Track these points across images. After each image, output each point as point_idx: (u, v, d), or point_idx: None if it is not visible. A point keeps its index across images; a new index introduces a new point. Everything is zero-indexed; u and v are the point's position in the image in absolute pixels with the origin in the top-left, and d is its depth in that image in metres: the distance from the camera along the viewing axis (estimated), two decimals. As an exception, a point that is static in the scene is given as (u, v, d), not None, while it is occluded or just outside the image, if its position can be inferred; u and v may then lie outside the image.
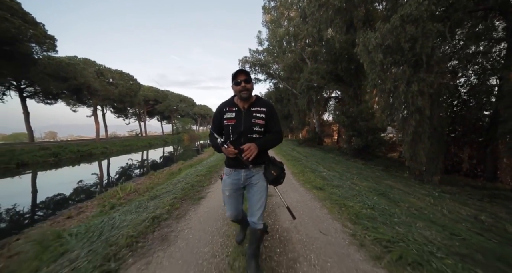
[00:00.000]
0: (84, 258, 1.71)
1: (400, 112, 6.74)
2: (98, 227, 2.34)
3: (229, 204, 1.54)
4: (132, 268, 1.56)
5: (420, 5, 5.90)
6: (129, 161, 16.48)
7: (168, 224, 2.29)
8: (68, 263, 1.69)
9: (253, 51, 19.78)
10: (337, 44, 9.23)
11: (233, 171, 1.48)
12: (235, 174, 1.47)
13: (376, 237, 1.83)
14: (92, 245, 1.95)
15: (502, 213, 5.01)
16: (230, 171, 1.50)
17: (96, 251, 1.80)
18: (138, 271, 1.52)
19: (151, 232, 2.12)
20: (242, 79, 1.35)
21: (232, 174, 1.49)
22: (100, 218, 2.71)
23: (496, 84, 7.27)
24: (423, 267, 1.43)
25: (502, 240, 3.47)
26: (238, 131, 1.38)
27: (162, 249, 1.81)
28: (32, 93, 21.02)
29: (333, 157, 12.38)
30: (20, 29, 12.08)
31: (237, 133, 1.39)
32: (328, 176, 4.65)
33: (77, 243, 2.05)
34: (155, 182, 6.89)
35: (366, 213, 2.41)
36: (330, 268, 1.49)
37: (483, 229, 3.82)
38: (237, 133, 1.39)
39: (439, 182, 7.57)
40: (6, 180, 10.48)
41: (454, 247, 2.12)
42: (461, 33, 7.47)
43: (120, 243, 1.90)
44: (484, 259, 1.89)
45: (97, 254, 1.73)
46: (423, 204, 4.99)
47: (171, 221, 2.35)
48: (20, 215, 5.78)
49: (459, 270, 1.43)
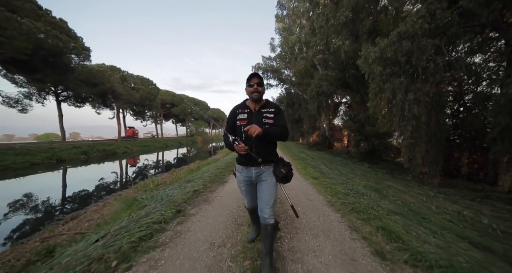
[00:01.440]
0: (160, 207, 2.90)
1: (398, 118, 7.53)
2: (158, 196, 3.56)
3: (246, 197, 1.73)
4: (191, 211, 2.72)
5: (415, 23, 6.78)
6: (150, 160, 18.23)
7: (205, 194, 3.46)
8: (152, 209, 2.89)
9: (265, 58, 21.08)
10: (343, 55, 10.19)
11: (244, 168, 1.60)
12: (246, 171, 1.60)
13: (342, 202, 2.85)
14: (161, 202, 3.15)
15: (486, 210, 5.72)
16: (241, 169, 1.62)
17: (166, 204, 3.00)
18: (196, 211, 2.69)
19: (195, 197, 3.29)
20: (255, 82, 1.52)
21: (243, 171, 1.61)
22: (155, 192, 3.95)
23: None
24: (363, 213, 2.44)
25: (469, 226, 4.33)
26: None
27: (206, 204, 2.97)
28: (66, 97, 23.81)
29: (341, 160, 13.11)
30: (66, 44, 14.26)
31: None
32: (326, 172, 5.64)
33: (150, 202, 3.27)
34: (178, 177, 8.17)
35: (345, 192, 3.42)
36: (309, 214, 2.55)
37: (458, 220, 4.64)
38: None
39: (438, 185, 8.22)
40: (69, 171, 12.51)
41: (405, 213, 3.07)
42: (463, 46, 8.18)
43: (178, 201, 3.08)
44: (419, 215, 2.84)
45: (168, 205, 2.92)
46: (414, 200, 5.81)
47: (207, 193, 3.52)
48: (91, 192, 7.49)
49: (385, 216, 2.43)
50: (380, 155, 12.78)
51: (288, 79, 21.99)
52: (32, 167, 13.38)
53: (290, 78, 22.16)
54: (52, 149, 16.03)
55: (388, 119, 7.91)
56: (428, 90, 7.14)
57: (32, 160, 13.97)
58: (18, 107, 20.74)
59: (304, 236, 1.99)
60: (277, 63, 21.82)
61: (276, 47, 21.95)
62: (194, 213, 2.62)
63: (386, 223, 2.18)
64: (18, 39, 11.81)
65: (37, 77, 17.22)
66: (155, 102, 26.14)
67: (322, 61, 17.35)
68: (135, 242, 1.89)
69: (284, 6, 19.21)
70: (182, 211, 2.65)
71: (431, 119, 7.52)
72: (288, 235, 2.02)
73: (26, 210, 6.15)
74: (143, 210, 2.94)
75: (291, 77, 22.10)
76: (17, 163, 13.13)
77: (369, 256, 1.65)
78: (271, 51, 21.99)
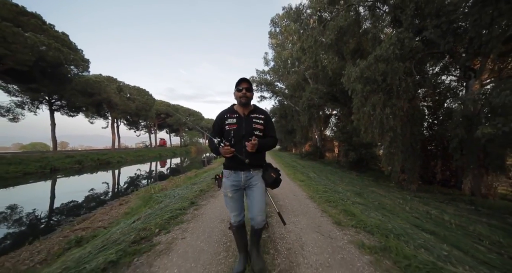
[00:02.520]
0: (176, 201, 3.68)
1: (378, 130, 8.61)
2: (171, 194, 4.33)
3: (233, 207, 1.59)
4: (202, 202, 3.51)
5: (387, 49, 8.08)
6: (145, 169, 18.60)
7: (210, 192, 4.25)
8: (169, 203, 3.66)
9: (259, 71, 22.50)
10: (330, 72, 11.48)
11: (232, 173, 1.57)
12: (234, 176, 1.56)
13: (320, 196, 3.72)
14: (175, 198, 3.92)
15: (450, 210, 6.68)
16: (229, 173, 1.58)
17: (180, 199, 3.78)
18: (205, 203, 3.48)
19: (203, 194, 4.08)
20: (244, 86, 1.52)
21: (231, 176, 1.57)
22: (166, 191, 4.70)
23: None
24: (334, 202, 3.31)
25: (430, 221, 5.25)
26: (240, 135, 1.52)
27: (213, 199, 3.77)
28: (59, 106, 24.14)
29: (331, 169, 14.06)
30: (66, 56, 15.07)
31: (239, 137, 1.52)
32: (313, 177, 6.52)
33: (165, 199, 4.04)
34: (176, 184, 8.83)
35: (324, 190, 4.29)
36: (293, 203, 3.40)
37: (424, 217, 5.54)
38: (239, 137, 1.52)
39: (416, 190, 9.21)
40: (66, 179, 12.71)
41: (371, 205, 3.95)
42: (431, 68, 9.59)
43: (190, 197, 3.86)
44: (392, 214, 3.73)
45: (182, 199, 3.70)
46: (391, 202, 6.72)
47: (211, 191, 4.32)
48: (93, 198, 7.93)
49: (350, 204, 3.30)
50: (367, 164, 13.82)
51: (281, 91, 23.36)
52: (24, 176, 13.60)
53: (283, 90, 23.56)
54: (45, 158, 16.26)
55: (369, 131, 8.99)
56: (402, 105, 8.32)
57: (25, 170, 14.19)
58: (9, 116, 20.93)
59: (289, 215, 2.82)
60: (271, 76, 23.27)
61: (269, 61, 23.52)
62: (205, 204, 3.41)
63: (348, 208, 3.05)
64: (22, 52, 12.54)
65: (33, 86, 17.73)
66: (151, 112, 26.83)
67: (313, 75, 18.80)
68: (166, 219, 2.68)
69: (277, 24, 20.93)
70: (195, 203, 3.44)
71: (407, 131, 8.65)
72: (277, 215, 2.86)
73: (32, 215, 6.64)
74: (161, 204, 3.71)
75: (284, 89, 23.51)
76: (10, 172, 13.35)
77: (330, 224, 2.50)
78: (264, 64, 23.52)
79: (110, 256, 1.80)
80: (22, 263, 3.36)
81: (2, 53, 12.06)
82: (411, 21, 8.52)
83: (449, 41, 7.49)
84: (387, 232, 2.17)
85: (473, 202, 7.06)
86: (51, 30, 15.01)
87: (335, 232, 2.28)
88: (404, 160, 9.00)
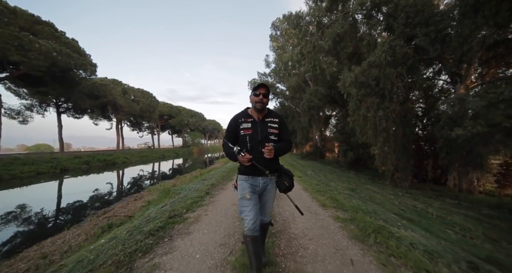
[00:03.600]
0: (193, 192, 4.48)
1: (372, 131, 9.36)
2: (186, 188, 5.13)
3: (249, 210, 1.52)
4: (215, 193, 4.30)
5: (380, 56, 8.84)
6: (150, 170, 19.46)
7: (220, 186, 5.04)
8: (187, 193, 4.46)
9: (261, 74, 23.32)
10: (328, 76, 12.25)
11: (250, 178, 1.60)
12: (252, 180, 1.60)
13: (313, 188, 4.49)
14: (191, 191, 4.72)
15: (435, 204, 7.41)
16: (246, 178, 1.61)
17: (196, 191, 4.57)
18: (218, 193, 4.27)
19: (214, 187, 4.87)
20: (262, 92, 1.57)
21: (249, 179, 1.60)
22: (183, 185, 5.50)
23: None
24: (323, 192, 4.08)
25: (414, 213, 5.98)
26: (255, 140, 1.55)
27: (223, 190, 4.56)
28: (66, 108, 25.13)
29: (330, 169, 14.79)
30: (76, 61, 16.00)
31: (255, 142, 1.55)
32: (310, 174, 7.29)
33: (183, 191, 4.84)
34: (184, 182, 9.63)
35: (317, 183, 5.06)
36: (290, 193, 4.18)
37: (409, 210, 6.27)
38: (254, 142, 1.55)
39: (409, 187, 9.93)
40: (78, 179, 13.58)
41: (359, 197, 4.72)
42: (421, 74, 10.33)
43: (204, 189, 4.66)
44: (380, 206, 4.51)
45: (198, 191, 4.50)
46: (382, 198, 7.45)
47: (221, 185, 5.11)
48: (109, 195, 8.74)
49: (337, 194, 4.07)
50: (365, 163, 14.53)
51: (282, 93, 24.14)
52: (37, 176, 14.49)
53: (284, 92, 24.34)
54: (55, 159, 17.16)
55: (364, 132, 9.73)
56: (394, 108, 9.07)
57: (38, 170, 15.10)
58: (19, 119, 21.93)
59: (286, 201, 3.60)
60: (272, 78, 24.06)
61: (270, 63, 24.33)
62: (218, 193, 4.21)
63: (334, 196, 3.82)
64: (37, 59, 13.46)
65: (42, 90, 18.68)
66: (154, 114, 27.76)
67: (313, 77, 19.56)
68: (189, 204, 3.47)
69: (277, 27, 21.75)
70: (209, 193, 4.23)
71: (399, 132, 9.39)
72: (275, 202, 3.64)
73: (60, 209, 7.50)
74: (180, 195, 4.51)
75: (285, 91, 24.28)
76: (24, 172, 14.25)
77: (317, 206, 3.28)
78: (266, 67, 24.34)
79: (157, 224, 2.59)
80: (69, 241, 4.16)
81: (19, 60, 12.99)
82: (402, 29, 9.27)
83: (437, 48, 8.23)
84: (358, 210, 2.94)
85: (457, 197, 7.78)
86: (63, 37, 15.96)
87: (320, 210, 3.06)
88: (397, 159, 9.73)
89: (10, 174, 13.34)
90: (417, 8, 8.86)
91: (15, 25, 13.04)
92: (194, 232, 2.39)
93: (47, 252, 3.75)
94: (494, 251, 3.28)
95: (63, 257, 3.19)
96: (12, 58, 13.01)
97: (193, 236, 2.29)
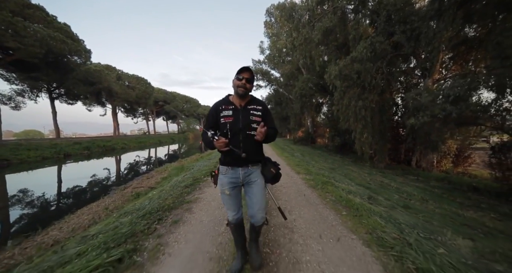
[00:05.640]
0: (203, 168, 5.98)
1: (353, 118, 10.88)
2: (197, 165, 6.62)
3: (231, 205, 1.58)
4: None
5: (361, 52, 10.10)
6: (151, 155, 20.80)
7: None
8: (198, 168, 5.96)
9: (255, 61, 24.08)
10: (317, 67, 13.47)
11: (230, 169, 1.55)
12: (232, 172, 1.55)
13: (295, 164, 6.05)
14: (202, 166, 6.22)
15: (399, 180, 9.16)
16: (226, 170, 1.57)
17: (205, 166, 6.07)
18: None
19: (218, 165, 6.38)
20: (245, 77, 1.50)
21: (228, 172, 1.56)
22: (192, 163, 6.99)
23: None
24: (301, 166, 5.64)
25: (378, 186, 7.64)
26: (236, 128, 1.49)
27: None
28: (58, 94, 25.47)
29: (319, 153, 16.52)
30: (71, 47, 16.45)
31: (236, 130, 1.49)
32: (297, 155, 8.87)
33: (195, 167, 6.34)
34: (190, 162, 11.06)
35: (299, 161, 6.61)
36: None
37: (376, 184, 7.93)
38: (235, 130, 1.49)
39: (384, 168, 11.73)
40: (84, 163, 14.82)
41: (332, 172, 6.35)
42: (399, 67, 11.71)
43: (211, 165, 6.16)
44: (351, 181, 6.14)
45: (207, 166, 6.00)
46: (357, 175, 9.11)
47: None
48: (124, 173, 10.14)
49: (314, 167, 5.63)
50: (350, 148, 16.27)
51: (276, 80, 25.17)
52: (43, 161, 15.64)
53: (278, 79, 25.35)
54: (56, 144, 18.20)
55: (346, 119, 11.27)
56: (373, 98, 10.55)
57: (43, 155, 16.20)
58: (11, 104, 22.34)
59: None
60: (267, 65, 24.90)
61: (265, 50, 24.99)
62: (222, 168, 5.74)
63: (307, 168, 5.38)
64: (33, 46, 13.97)
65: (33, 75, 18.99)
66: (149, 100, 28.42)
67: (305, 66, 20.63)
68: (205, 173, 4.96)
69: (272, 14, 22.19)
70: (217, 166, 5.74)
71: (376, 119, 10.96)
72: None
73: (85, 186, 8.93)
74: (194, 169, 5.99)
75: (279, 78, 25.29)
76: (31, 157, 15.35)
77: (294, 174, 4.83)
78: (260, 53, 25.01)
79: (188, 182, 4.07)
80: (108, 206, 5.62)
81: (15, 47, 13.48)
82: (383, 26, 10.47)
83: (411, 45, 9.56)
84: (319, 175, 4.50)
85: (418, 174, 9.61)
86: (55, 22, 16.20)
87: (295, 176, 4.61)
88: (375, 144, 11.42)
89: (18, 158, 14.44)
90: (396, 7, 10.00)
91: (6, 9, 13.29)
92: (212, 186, 3.90)
93: (99, 211, 5.22)
94: (411, 202, 4.98)
95: (118, 209, 4.66)
96: (8, 45, 13.45)
97: (212, 188, 3.80)
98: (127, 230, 2.18)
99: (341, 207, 2.82)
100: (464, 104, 6.00)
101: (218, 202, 3.02)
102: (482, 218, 5.27)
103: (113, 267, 1.62)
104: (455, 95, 6.06)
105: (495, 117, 5.82)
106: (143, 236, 2.13)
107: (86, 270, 1.53)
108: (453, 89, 6.16)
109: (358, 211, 2.64)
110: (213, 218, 2.57)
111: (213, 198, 3.23)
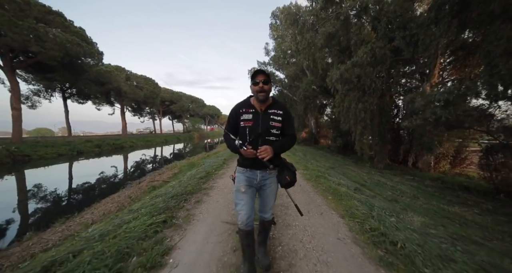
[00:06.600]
0: (213, 163, 6.76)
1: (353, 120, 11.50)
2: (207, 162, 7.40)
3: (244, 204, 1.54)
4: (230, 163, 6.57)
5: (362, 57, 10.72)
6: (159, 153, 21.78)
7: (230, 161, 7.29)
8: (209, 164, 6.74)
9: (260, 63, 24.83)
10: (320, 70, 14.11)
11: (248, 170, 1.60)
12: (250, 173, 1.59)
13: (295, 161, 6.75)
14: (211, 163, 6.98)
15: (396, 179, 9.75)
16: (244, 170, 1.62)
17: (215, 163, 6.84)
18: (231, 164, 6.53)
19: (227, 161, 7.13)
20: (261, 79, 1.47)
21: (247, 172, 1.60)
22: (202, 160, 7.79)
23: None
24: (301, 163, 6.34)
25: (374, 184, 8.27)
26: (255, 133, 1.51)
27: (234, 162, 6.82)
28: (70, 94, 26.78)
29: (322, 153, 17.13)
30: (86, 50, 17.52)
31: (254, 135, 1.51)
32: (298, 155, 9.56)
33: (205, 163, 7.13)
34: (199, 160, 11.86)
35: (299, 159, 7.31)
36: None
37: (373, 183, 8.56)
38: (254, 135, 1.51)
39: (383, 168, 12.29)
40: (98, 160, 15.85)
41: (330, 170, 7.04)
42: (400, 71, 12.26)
43: (220, 162, 6.92)
44: (350, 180, 6.83)
45: (217, 163, 6.77)
46: (355, 174, 9.76)
47: (230, 161, 7.36)
48: (136, 170, 11.02)
49: (312, 165, 6.33)
50: (351, 149, 16.84)
51: (281, 81, 25.84)
52: (59, 157, 16.73)
53: (283, 80, 26.02)
54: (69, 142, 19.33)
55: (347, 121, 11.89)
56: (372, 101, 11.14)
57: (58, 151, 17.31)
58: (28, 104, 23.69)
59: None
60: (272, 66, 25.61)
61: (270, 51, 25.72)
62: (232, 163, 6.48)
63: (306, 165, 6.07)
64: (53, 49, 15.05)
65: (48, 76, 20.20)
66: (157, 100, 29.49)
67: (310, 67, 21.23)
68: (215, 168, 5.73)
69: (277, 16, 22.89)
70: (225, 164, 6.49)
71: (376, 121, 11.55)
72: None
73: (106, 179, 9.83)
74: (204, 165, 6.76)
75: (284, 79, 25.95)
76: (48, 153, 16.45)
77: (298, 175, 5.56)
78: (265, 54, 25.74)
79: (202, 175, 4.84)
80: (129, 196, 6.41)
81: (37, 51, 14.59)
82: (384, 31, 11.06)
83: (410, 51, 10.13)
84: (315, 170, 5.20)
85: (414, 174, 10.17)
86: (72, 26, 17.30)
87: (294, 171, 5.35)
88: (375, 145, 12.01)
89: (37, 154, 15.54)
90: (396, 14, 10.58)
91: (31, 16, 14.44)
92: (224, 178, 4.66)
93: (121, 200, 6.03)
94: (401, 198, 5.62)
95: (139, 198, 5.46)
96: (31, 49, 14.60)
97: (224, 179, 4.56)
98: (163, 205, 2.94)
99: (328, 194, 3.53)
100: (452, 108, 6.58)
101: (230, 189, 3.77)
102: (464, 213, 5.90)
103: (161, 225, 2.38)
104: (444, 100, 6.65)
105: (480, 121, 6.38)
106: (176, 210, 2.89)
107: (144, 225, 2.30)
108: (443, 95, 6.74)
109: (341, 196, 3.34)
110: (227, 199, 3.32)
111: (225, 185, 3.99)
